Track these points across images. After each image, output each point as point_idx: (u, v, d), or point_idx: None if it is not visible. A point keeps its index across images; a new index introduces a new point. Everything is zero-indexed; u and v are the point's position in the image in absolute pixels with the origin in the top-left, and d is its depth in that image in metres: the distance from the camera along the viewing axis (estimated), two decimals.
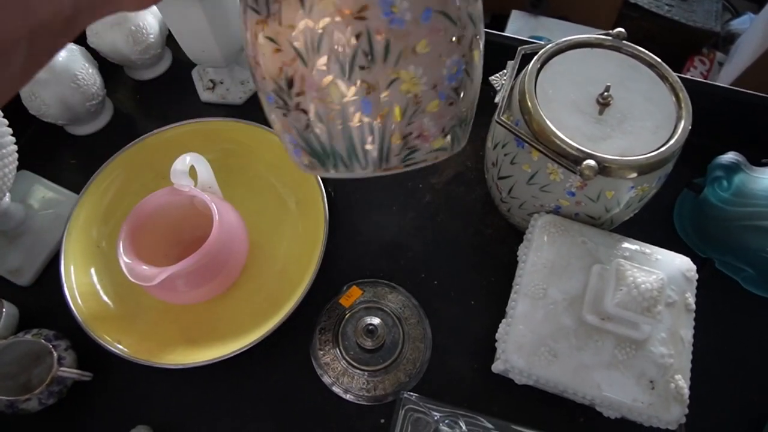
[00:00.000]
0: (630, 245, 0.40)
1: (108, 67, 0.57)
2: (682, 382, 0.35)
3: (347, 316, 0.46)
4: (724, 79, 1.24)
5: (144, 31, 0.53)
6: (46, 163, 0.53)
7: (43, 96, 0.48)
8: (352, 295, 0.47)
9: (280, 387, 0.44)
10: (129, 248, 0.40)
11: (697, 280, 0.43)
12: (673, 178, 0.51)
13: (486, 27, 0.39)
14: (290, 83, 0.25)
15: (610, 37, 0.43)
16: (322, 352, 0.45)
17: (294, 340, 0.46)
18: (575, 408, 0.41)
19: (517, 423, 0.39)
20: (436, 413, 0.37)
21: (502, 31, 1.08)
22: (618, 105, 0.39)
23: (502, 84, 0.42)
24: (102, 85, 0.52)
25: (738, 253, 0.47)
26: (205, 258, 0.40)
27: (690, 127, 0.39)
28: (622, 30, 0.43)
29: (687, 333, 0.37)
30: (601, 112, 0.39)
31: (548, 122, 0.38)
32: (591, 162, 0.36)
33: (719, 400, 0.44)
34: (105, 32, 0.52)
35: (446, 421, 0.36)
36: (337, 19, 0.23)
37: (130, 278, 0.38)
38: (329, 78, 0.24)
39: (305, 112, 0.26)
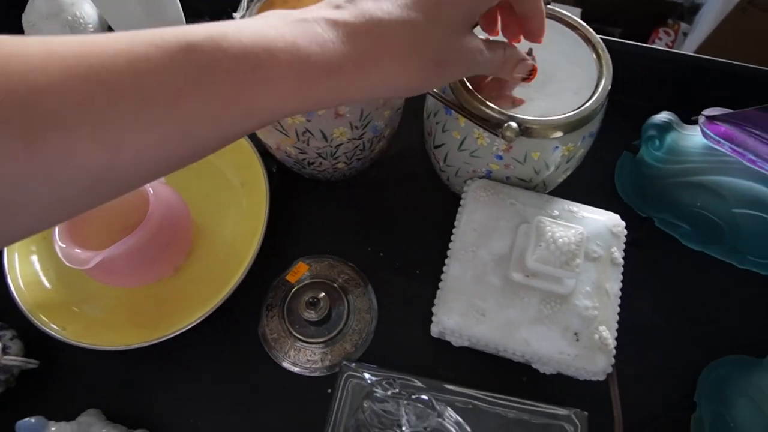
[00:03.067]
0: (559, 204, 0.41)
1: None
2: (607, 333, 0.36)
3: (293, 291, 0.46)
4: (687, 48, 1.25)
5: (81, 21, 0.53)
6: None
7: None
8: (298, 271, 0.47)
9: (231, 364, 0.45)
10: (65, 233, 0.40)
11: (636, 238, 0.44)
12: (614, 140, 0.52)
13: None
14: None
15: None
16: (269, 329, 0.46)
17: (243, 319, 0.46)
18: (517, 368, 0.42)
19: (458, 385, 0.40)
20: (371, 377, 0.38)
21: None
22: (541, 68, 0.40)
23: None
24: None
25: (673, 209, 0.48)
26: (142, 239, 0.41)
27: (610, 87, 0.39)
28: None
29: (613, 286, 0.38)
30: None
31: (471, 87, 0.38)
32: (512, 124, 0.37)
33: (657, 351, 0.45)
34: (42, 23, 0.52)
35: (382, 384, 0.37)
36: None
37: (66, 263, 0.39)
38: None
39: None
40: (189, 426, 0.42)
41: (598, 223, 0.40)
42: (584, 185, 0.53)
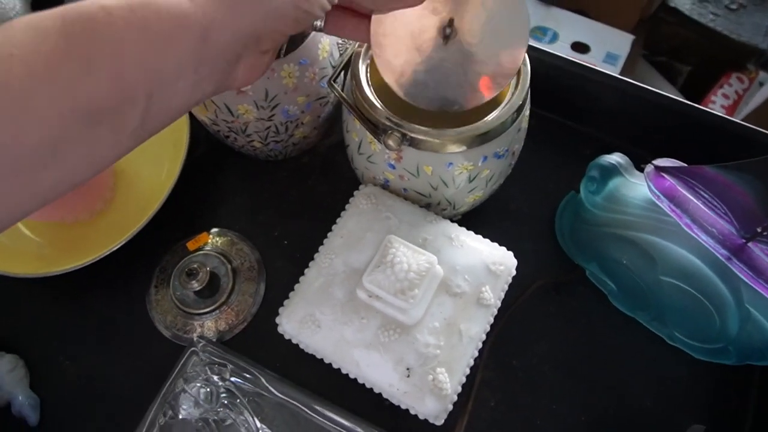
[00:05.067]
0: (439, 227, 0.37)
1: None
2: (444, 376, 0.33)
3: (185, 258, 0.46)
4: (757, 101, 1.12)
5: None
6: None
7: None
8: (199, 241, 0.47)
9: (113, 314, 0.46)
10: None
11: (558, 284, 0.40)
12: (576, 175, 0.47)
13: None
14: None
15: None
16: (155, 289, 0.46)
17: (138, 274, 0.47)
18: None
19: (317, 395, 0.38)
20: (207, 358, 0.37)
21: None
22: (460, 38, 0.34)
23: (347, 48, 0.40)
24: (24, 11, 0.55)
25: (601, 262, 0.43)
26: None
27: (521, 106, 0.35)
28: None
29: (471, 327, 0.34)
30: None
31: (364, 84, 0.36)
32: (395, 132, 0.34)
33: (534, 411, 0.41)
34: None
35: (213, 368, 0.36)
36: None
37: None
38: None
39: None
40: (55, 361, 0.44)
41: (477, 257, 0.36)
42: (523, 216, 0.49)
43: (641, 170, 0.42)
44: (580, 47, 1.03)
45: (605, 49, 0.99)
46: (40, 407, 0.42)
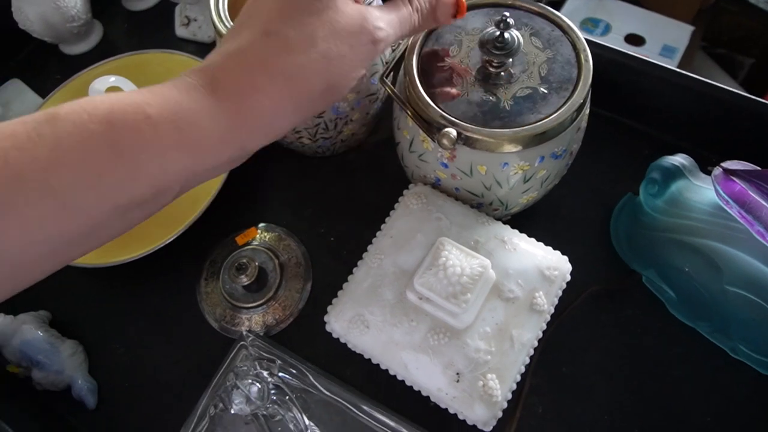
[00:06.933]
0: (491, 229, 0.36)
1: None
2: (495, 382, 0.32)
3: (235, 252, 0.47)
4: None
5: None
6: (36, 76, 0.60)
7: (26, 11, 0.54)
8: (247, 235, 0.48)
9: (165, 304, 0.47)
10: None
11: (612, 290, 0.40)
12: (633, 176, 0.45)
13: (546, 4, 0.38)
14: None
15: None
16: (205, 282, 0.47)
17: (191, 266, 0.48)
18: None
19: (363, 394, 0.38)
20: (256, 353, 0.37)
21: (558, 10, 0.99)
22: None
23: (400, 43, 0.39)
24: (86, 9, 0.57)
25: (660, 268, 0.41)
26: None
27: (581, 105, 0.34)
28: None
29: (523, 334, 0.33)
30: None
31: (417, 81, 0.35)
32: (450, 131, 0.33)
33: (581, 423, 0.39)
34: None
35: (263, 363, 0.37)
36: None
37: None
38: None
39: None
40: (111, 348, 0.46)
41: (530, 261, 0.35)
42: (576, 218, 0.47)
43: (707, 173, 0.40)
44: (634, 39, 0.98)
45: (662, 41, 0.94)
46: (97, 391, 0.44)
